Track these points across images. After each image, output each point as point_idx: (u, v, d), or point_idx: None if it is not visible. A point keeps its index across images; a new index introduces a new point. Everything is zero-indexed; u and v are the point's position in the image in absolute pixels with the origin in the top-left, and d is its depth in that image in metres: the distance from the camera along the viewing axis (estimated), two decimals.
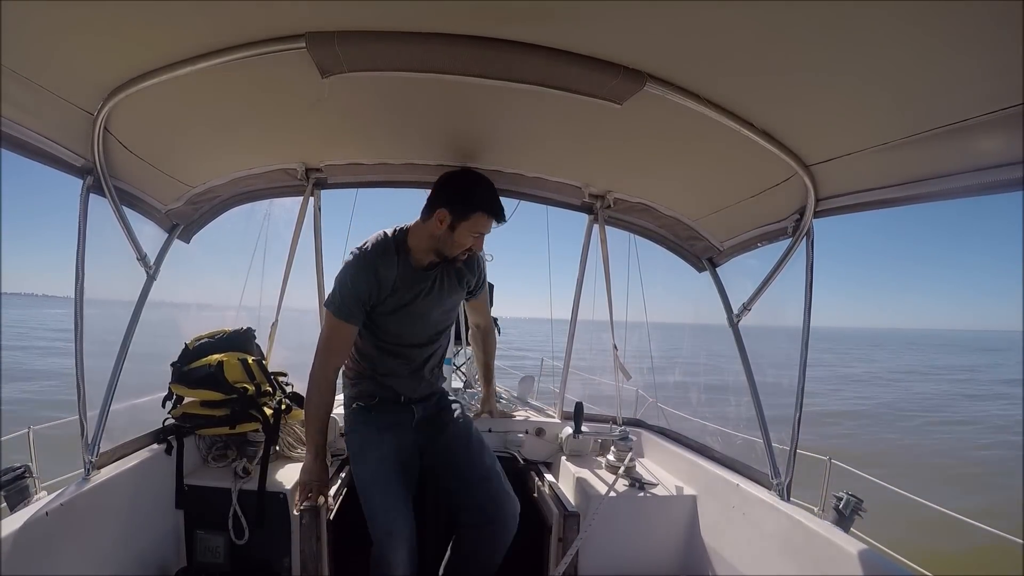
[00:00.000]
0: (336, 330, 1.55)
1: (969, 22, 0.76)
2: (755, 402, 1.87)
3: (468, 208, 1.44)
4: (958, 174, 1.12)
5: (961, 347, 63.47)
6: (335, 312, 1.53)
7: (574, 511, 1.79)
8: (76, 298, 1.44)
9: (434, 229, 1.48)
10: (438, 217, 1.45)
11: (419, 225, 1.54)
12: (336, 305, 1.53)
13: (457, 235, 1.47)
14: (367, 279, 1.51)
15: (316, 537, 1.73)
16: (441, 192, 1.48)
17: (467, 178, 1.50)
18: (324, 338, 1.57)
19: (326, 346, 1.57)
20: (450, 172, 1.54)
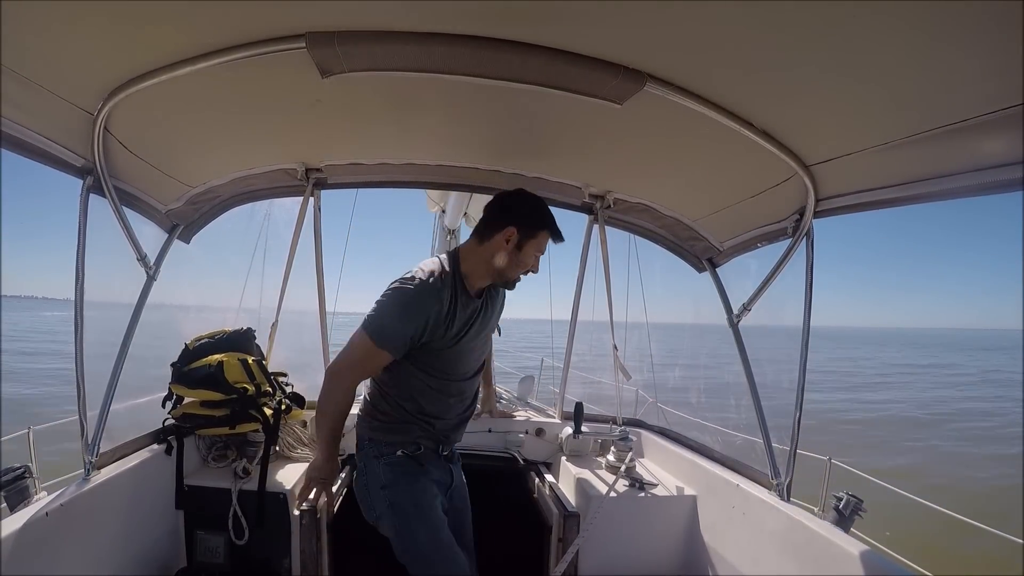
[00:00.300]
0: (371, 356, 1.36)
1: (969, 22, 0.76)
2: (755, 402, 1.87)
3: (536, 226, 1.41)
4: (958, 174, 1.12)
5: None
6: (375, 338, 1.33)
7: (574, 511, 1.79)
8: (76, 299, 1.44)
9: (497, 249, 1.40)
10: (505, 236, 1.39)
11: (473, 248, 1.44)
12: (378, 332, 1.34)
13: (523, 254, 1.42)
14: (423, 315, 1.34)
15: (316, 537, 1.73)
16: (507, 211, 1.42)
17: (531, 197, 1.46)
18: (356, 358, 1.37)
19: (357, 365, 1.39)
20: (509, 192, 1.47)
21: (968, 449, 10.67)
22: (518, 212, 1.41)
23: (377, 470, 1.44)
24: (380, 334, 1.34)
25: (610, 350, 2.34)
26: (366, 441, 1.48)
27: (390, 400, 1.47)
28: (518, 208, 1.42)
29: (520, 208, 1.42)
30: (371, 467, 1.45)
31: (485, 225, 1.43)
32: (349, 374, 1.39)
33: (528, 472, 2.23)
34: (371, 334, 1.34)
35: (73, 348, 1.46)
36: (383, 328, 1.34)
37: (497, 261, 1.41)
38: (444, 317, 1.37)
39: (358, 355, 1.37)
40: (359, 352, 1.36)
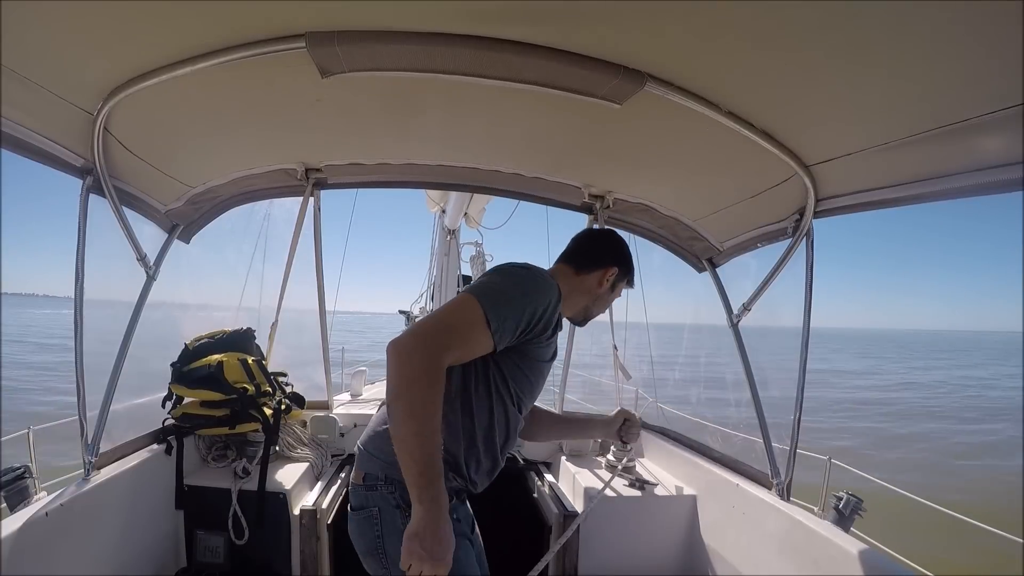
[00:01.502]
0: (473, 329, 1.00)
1: (969, 22, 0.76)
2: (755, 402, 1.87)
3: (630, 271, 1.37)
4: (958, 174, 1.12)
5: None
6: (486, 304, 1.01)
7: (574, 511, 1.79)
8: (76, 298, 1.44)
9: (594, 286, 1.31)
10: (607, 274, 1.31)
11: (569, 275, 1.30)
12: (492, 299, 1.03)
13: (612, 296, 1.36)
14: (544, 299, 1.10)
15: (316, 537, 1.73)
16: (611, 248, 1.35)
17: (624, 241, 1.41)
18: (454, 330, 0.99)
19: (452, 339, 0.98)
20: (611, 231, 1.42)
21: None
22: (621, 254, 1.35)
23: (400, 524, 1.02)
24: (492, 304, 1.01)
25: (610, 350, 2.34)
26: (381, 481, 1.12)
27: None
28: (622, 250, 1.36)
29: (623, 251, 1.36)
30: (391, 519, 1.10)
31: (584, 256, 1.33)
32: (441, 351, 0.95)
33: (528, 472, 2.23)
34: (480, 298, 1.01)
35: (73, 348, 1.46)
36: (496, 299, 1.03)
37: (589, 296, 1.33)
38: (553, 320, 1.14)
39: (456, 323, 1.00)
40: (458, 320, 1.00)
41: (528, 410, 1.28)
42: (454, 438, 1.14)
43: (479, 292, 1.04)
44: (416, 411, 0.92)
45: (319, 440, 2.20)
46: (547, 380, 1.33)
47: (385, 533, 1.10)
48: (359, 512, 1.14)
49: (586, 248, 1.35)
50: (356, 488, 1.16)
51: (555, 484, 2.06)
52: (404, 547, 0.94)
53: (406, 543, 0.94)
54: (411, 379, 0.93)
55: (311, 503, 1.78)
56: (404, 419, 0.93)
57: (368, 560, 1.14)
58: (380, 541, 1.11)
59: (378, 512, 1.11)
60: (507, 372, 1.15)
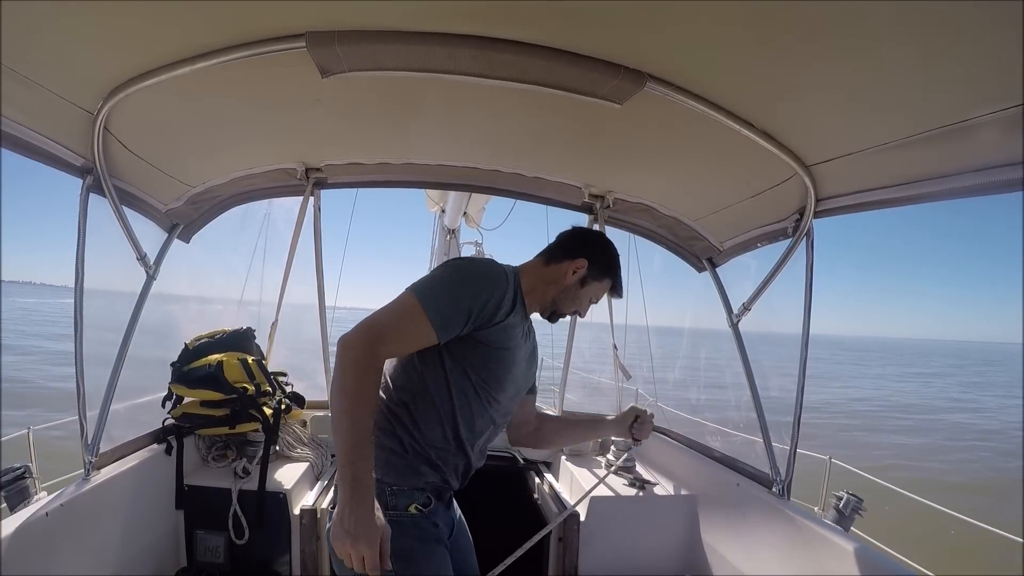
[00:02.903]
0: (413, 322, 1.04)
1: (969, 22, 0.76)
2: (755, 402, 1.87)
3: (605, 270, 1.33)
4: (958, 174, 1.12)
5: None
6: (424, 300, 1.04)
7: (574, 511, 1.80)
8: (76, 298, 1.44)
9: (560, 277, 1.30)
10: (574, 265, 1.29)
11: (537, 266, 1.31)
12: (428, 295, 1.06)
13: (583, 292, 1.33)
14: (487, 291, 1.11)
15: (316, 537, 1.73)
16: (586, 242, 1.34)
17: (611, 243, 1.39)
18: (390, 320, 1.04)
19: (390, 329, 1.03)
20: (593, 230, 1.38)
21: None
22: (595, 248, 1.33)
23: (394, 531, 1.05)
24: (430, 298, 1.05)
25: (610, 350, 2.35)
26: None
27: (406, 424, 1.15)
28: (596, 245, 1.35)
29: (597, 246, 1.35)
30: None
31: (557, 247, 1.33)
32: (376, 341, 1.00)
33: (528, 472, 2.23)
34: (418, 294, 1.05)
35: (73, 348, 1.46)
36: (435, 292, 1.06)
37: (554, 290, 1.31)
38: (505, 309, 1.14)
39: (393, 317, 1.04)
40: (395, 314, 1.04)
41: (505, 404, 1.26)
42: (424, 433, 1.14)
43: (418, 287, 1.07)
44: (348, 394, 0.96)
45: (319, 440, 2.20)
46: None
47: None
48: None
49: (561, 240, 1.35)
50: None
51: (555, 484, 2.06)
52: (332, 537, 0.98)
53: (333, 530, 0.97)
54: (344, 366, 0.97)
55: (311, 503, 1.78)
56: (337, 402, 0.97)
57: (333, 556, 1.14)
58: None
59: None
60: (464, 363, 1.15)
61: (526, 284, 1.26)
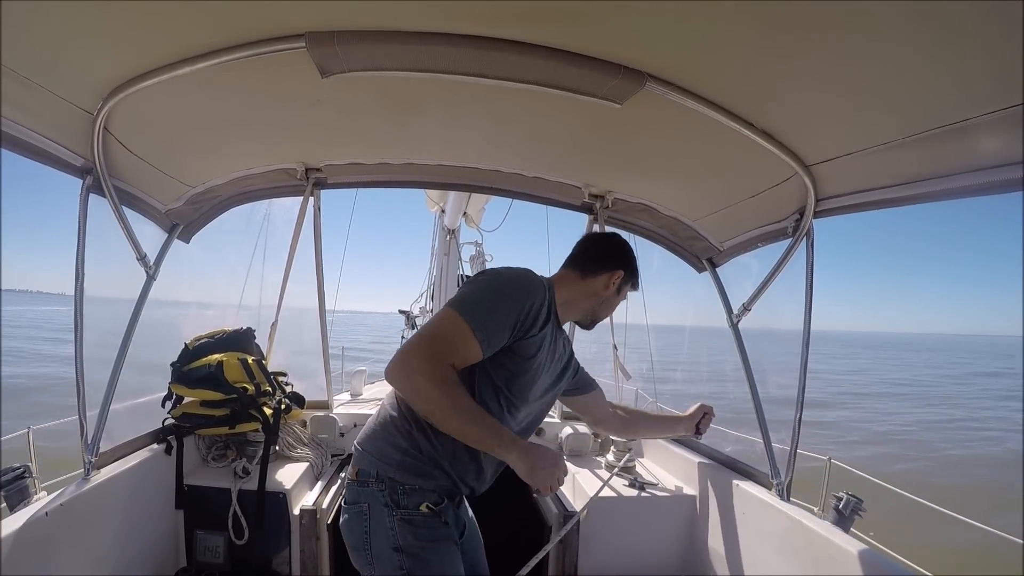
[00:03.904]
0: (462, 342, 1.04)
1: (969, 22, 0.76)
2: (755, 402, 1.87)
3: (635, 274, 1.37)
4: (958, 174, 1.12)
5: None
6: (469, 317, 1.04)
7: (574, 511, 1.79)
8: (76, 298, 1.44)
9: (600, 289, 1.32)
10: (613, 277, 1.31)
11: (574, 280, 1.31)
12: (474, 311, 1.05)
13: (619, 299, 1.37)
14: (528, 299, 1.12)
15: (316, 537, 1.73)
16: (619, 252, 1.35)
17: (629, 244, 1.42)
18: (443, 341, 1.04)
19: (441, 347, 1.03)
20: (615, 235, 1.42)
21: None
22: (626, 256, 1.36)
23: (388, 523, 1.11)
24: (476, 316, 1.04)
25: (610, 350, 2.34)
26: (373, 478, 1.14)
27: (424, 428, 1.13)
28: (626, 253, 1.37)
29: (628, 254, 1.37)
30: (379, 516, 1.12)
31: (591, 260, 1.34)
32: (440, 356, 1.01)
33: None
34: (464, 312, 1.04)
35: (73, 348, 1.46)
36: (480, 309, 1.05)
37: (596, 299, 1.33)
38: (543, 318, 1.15)
39: (443, 335, 1.04)
40: (445, 332, 1.04)
41: (525, 412, 1.26)
42: (442, 439, 1.14)
43: (460, 304, 1.07)
44: (447, 408, 1.01)
45: (319, 440, 2.20)
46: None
47: (372, 530, 1.12)
48: (350, 507, 1.17)
49: (592, 252, 1.35)
50: (350, 484, 1.19)
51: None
52: (532, 480, 1.01)
53: (529, 479, 1.01)
54: (424, 391, 1.00)
55: (311, 503, 1.78)
56: (446, 419, 1.02)
57: (355, 554, 1.16)
58: (367, 537, 1.13)
59: (368, 508, 1.13)
60: (491, 373, 1.15)
61: (561, 297, 1.26)
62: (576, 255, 1.36)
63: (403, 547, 1.11)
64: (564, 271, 1.35)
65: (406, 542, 1.11)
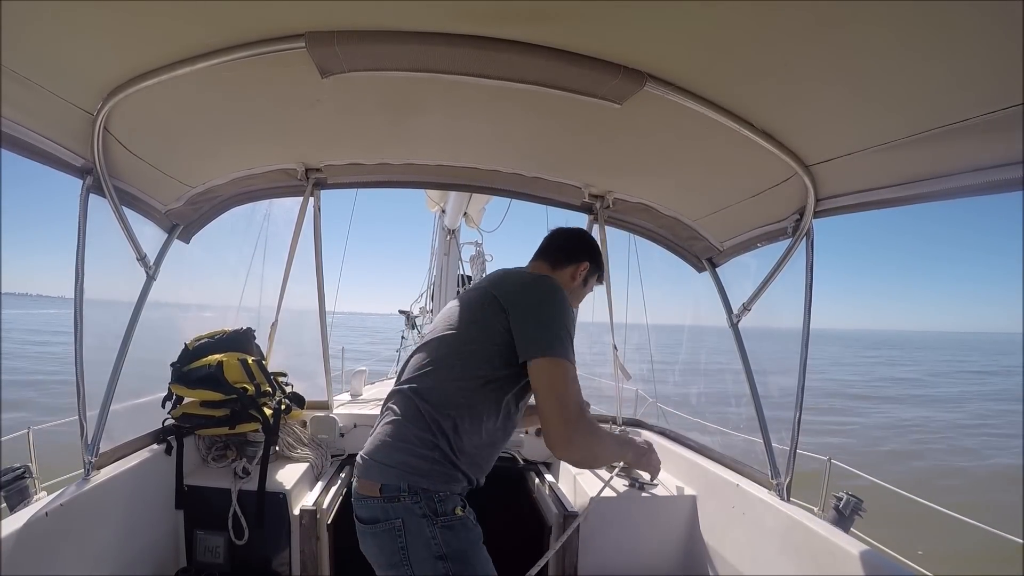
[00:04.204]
0: (575, 378, 1.15)
1: (969, 22, 0.76)
2: (755, 402, 1.87)
3: (600, 266, 1.47)
4: (958, 174, 1.12)
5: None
6: (572, 359, 1.15)
7: (574, 511, 1.80)
8: (76, 298, 1.43)
9: (568, 281, 1.40)
10: (581, 268, 1.41)
11: (546, 271, 1.39)
12: (571, 347, 1.17)
13: (585, 290, 1.46)
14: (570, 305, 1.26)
15: (316, 537, 1.73)
16: (587, 246, 1.44)
17: (594, 240, 1.53)
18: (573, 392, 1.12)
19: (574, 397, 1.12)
20: (581, 230, 1.52)
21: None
22: (592, 249, 1.45)
23: (429, 533, 1.09)
24: (569, 348, 1.15)
25: (610, 350, 2.34)
26: (404, 492, 1.11)
27: (447, 435, 1.14)
28: (592, 246, 1.46)
29: (593, 246, 1.46)
30: (417, 529, 1.09)
31: (560, 252, 1.41)
32: (579, 411, 1.12)
33: (528, 472, 2.23)
34: (566, 355, 1.14)
35: (73, 348, 1.46)
36: (568, 340, 1.16)
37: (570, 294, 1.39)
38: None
39: (571, 387, 1.13)
40: (570, 384, 1.13)
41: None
42: (463, 445, 1.16)
43: (562, 350, 1.14)
44: (611, 451, 1.39)
45: (319, 440, 2.20)
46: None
47: (410, 543, 1.09)
48: (375, 525, 1.12)
49: (560, 245, 1.44)
50: (369, 500, 1.14)
51: (555, 484, 2.06)
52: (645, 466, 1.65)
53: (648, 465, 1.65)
54: (597, 452, 1.22)
55: (311, 503, 1.78)
56: (609, 460, 1.59)
57: (390, 570, 1.13)
58: (405, 553, 1.10)
59: (402, 524, 1.10)
60: (516, 390, 1.22)
61: None
62: (545, 248, 1.44)
63: (447, 554, 1.09)
64: (536, 263, 1.43)
65: (450, 548, 1.09)
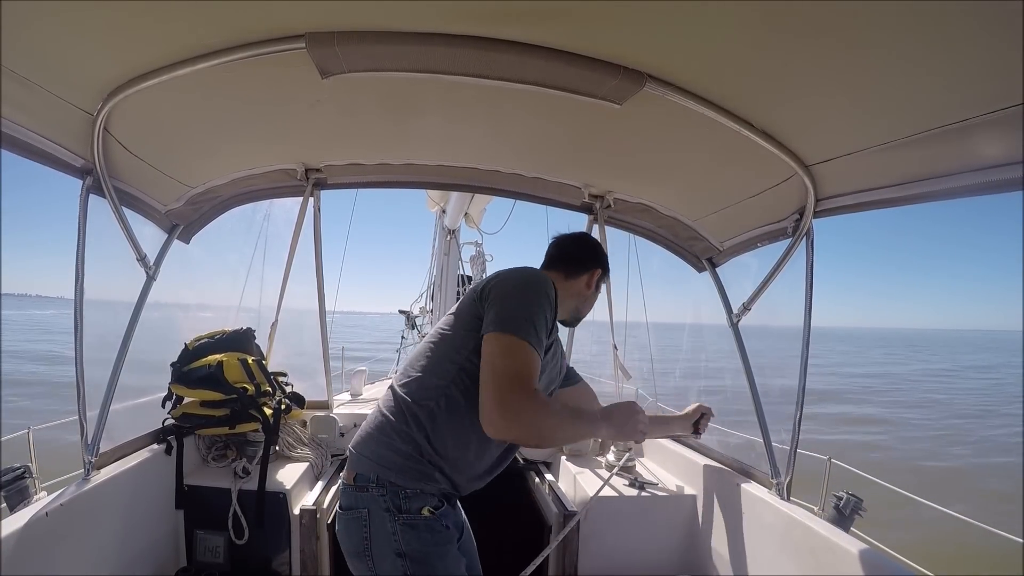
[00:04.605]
0: (532, 360, 1.03)
1: (969, 22, 0.76)
2: (755, 402, 1.87)
3: (608, 270, 1.46)
4: (958, 174, 1.12)
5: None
6: (533, 340, 1.04)
7: (574, 511, 1.80)
8: (76, 299, 1.44)
9: (583, 288, 1.39)
10: (594, 275, 1.40)
11: (560, 280, 1.34)
12: (532, 330, 1.05)
13: (595, 294, 1.45)
14: (552, 297, 1.15)
15: (316, 537, 1.73)
16: (595, 251, 1.43)
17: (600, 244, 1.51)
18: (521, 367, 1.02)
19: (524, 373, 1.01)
20: (587, 234, 1.51)
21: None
22: (603, 256, 1.44)
23: (389, 528, 1.09)
24: (530, 330, 1.05)
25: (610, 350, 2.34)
26: (373, 483, 1.12)
27: (426, 430, 1.12)
28: (601, 252, 1.45)
29: (602, 252, 1.45)
30: (380, 522, 1.10)
31: (573, 260, 1.40)
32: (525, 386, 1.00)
33: (528, 471, 2.23)
34: (518, 332, 1.04)
35: (73, 348, 1.46)
36: (529, 323, 1.06)
37: (579, 298, 1.41)
38: (554, 317, 1.17)
39: (518, 362, 1.02)
40: (516, 361, 1.02)
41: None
42: (444, 443, 1.14)
43: (515, 327, 1.05)
44: (565, 430, 1.10)
45: (319, 440, 2.20)
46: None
47: (373, 534, 1.11)
48: (348, 512, 1.15)
49: (571, 254, 1.41)
50: (347, 488, 1.16)
51: (555, 484, 2.06)
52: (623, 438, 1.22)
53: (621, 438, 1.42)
54: (539, 427, 1.01)
55: (311, 503, 1.78)
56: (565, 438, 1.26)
57: (354, 561, 1.14)
58: (368, 543, 1.11)
59: (367, 514, 1.11)
60: None
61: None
62: (556, 257, 1.41)
63: (406, 552, 1.09)
64: (549, 273, 1.36)
65: (410, 547, 1.09)
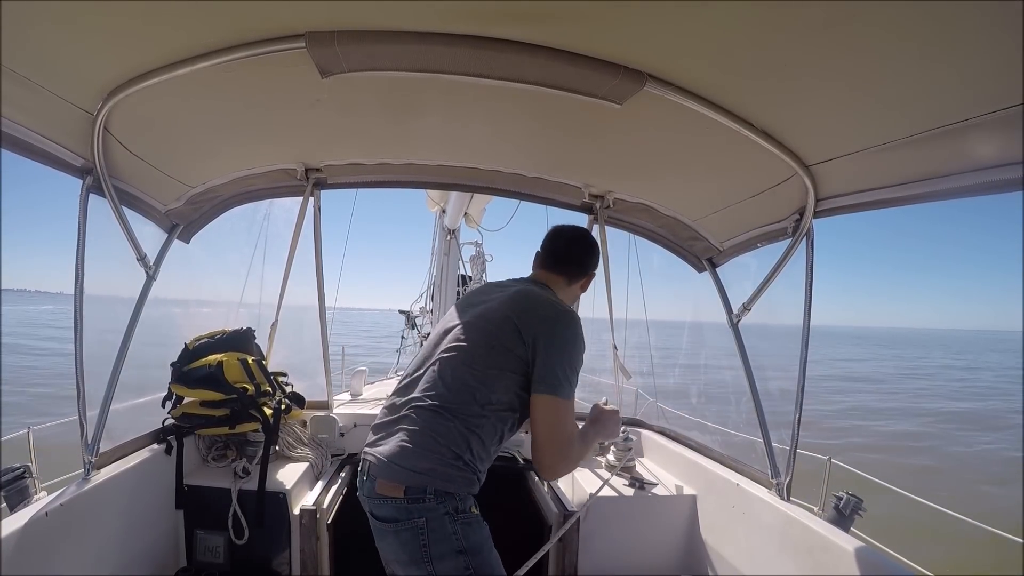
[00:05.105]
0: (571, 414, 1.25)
1: (968, 22, 0.76)
2: (755, 402, 1.87)
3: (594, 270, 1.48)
4: (958, 174, 1.12)
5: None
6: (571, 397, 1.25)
7: (573, 511, 1.79)
8: (76, 298, 1.44)
9: (578, 291, 1.44)
10: (590, 278, 1.43)
11: (564, 287, 1.41)
12: (573, 385, 1.25)
13: (584, 293, 1.48)
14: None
15: (316, 537, 1.73)
16: (593, 256, 1.45)
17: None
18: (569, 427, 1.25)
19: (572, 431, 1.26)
20: (583, 231, 1.49)
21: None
22: (597, 256, 1.46)
23: (451, 529, 1.15)
24: (571, 391, 1.24)
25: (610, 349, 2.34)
26: (431, 495, 1.15)
27: (472, 446, 1.20)
28: (596, 252, 1.46)
29: (597, 252, 1.46)
30: (440, 525, 1.15)
31: (575, 265, 1.42)
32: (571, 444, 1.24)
33: (528, 472, 2.23)
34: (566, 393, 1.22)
35: (73, 348, 1.46)
36: (573, 383, 1.25)
37: (576, 300, 1.45)
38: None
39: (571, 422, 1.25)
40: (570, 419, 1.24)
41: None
42: (485, 453, 1.22)
43: (567, 392, 1.22)
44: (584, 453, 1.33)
45: (319, 440, 2.20)
46: None
47: (432, 540, 1.15)
48: (397, 524, 1.17)
49: (574, 256, 1.43)
50: (390, 501, 1.17)
51: (555, 484, 2.06)
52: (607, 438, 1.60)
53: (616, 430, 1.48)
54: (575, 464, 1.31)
55: (311, 503, 1.78)
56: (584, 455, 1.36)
57: (409, 568, 1.18)
58: (427, 550, 1.15)
59: (424, 523, 1.15)
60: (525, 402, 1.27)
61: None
62: (561, 259, 1.42)
63: (467, 548, 1.16)
64: (552, 276, 1.41)
65: (470, 543, 1.16)
